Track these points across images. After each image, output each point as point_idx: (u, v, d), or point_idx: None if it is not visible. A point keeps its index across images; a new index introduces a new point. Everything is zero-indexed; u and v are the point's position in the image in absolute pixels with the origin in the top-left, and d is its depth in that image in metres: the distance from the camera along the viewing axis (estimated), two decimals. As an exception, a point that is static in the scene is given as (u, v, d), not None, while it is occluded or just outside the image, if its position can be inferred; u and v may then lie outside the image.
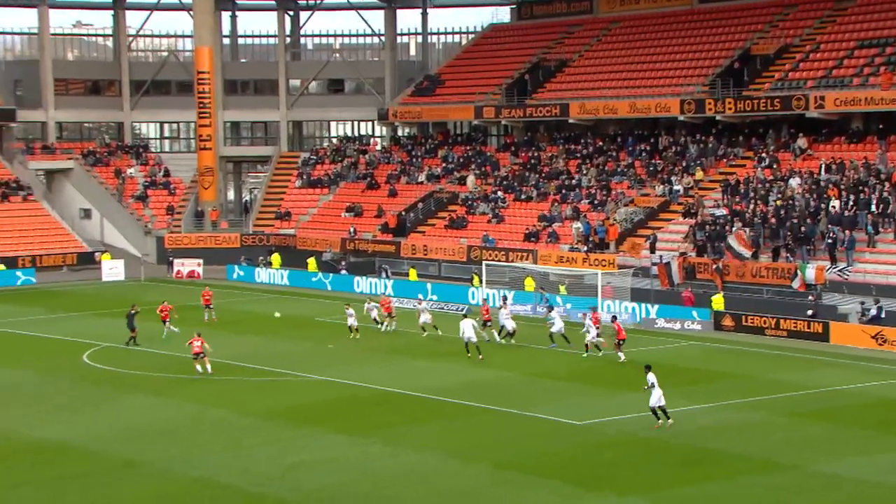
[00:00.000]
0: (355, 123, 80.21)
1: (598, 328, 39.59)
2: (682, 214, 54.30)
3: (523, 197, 61.74)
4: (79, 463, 26.29)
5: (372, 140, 77.04)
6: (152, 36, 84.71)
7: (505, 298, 43.39)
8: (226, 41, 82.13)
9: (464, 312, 40.97)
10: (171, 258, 63.53)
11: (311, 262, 60.26)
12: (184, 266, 62.34)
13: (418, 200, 64.53)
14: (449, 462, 26.20)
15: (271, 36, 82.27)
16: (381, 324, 43.16)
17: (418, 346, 40.94)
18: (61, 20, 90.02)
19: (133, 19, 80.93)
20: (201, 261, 62.78)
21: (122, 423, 29.95)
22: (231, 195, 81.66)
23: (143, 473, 25.45)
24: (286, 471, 25.50)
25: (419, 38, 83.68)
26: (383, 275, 57.26)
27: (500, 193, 62.66)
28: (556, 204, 59.19)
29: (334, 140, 78.48)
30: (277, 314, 47.69)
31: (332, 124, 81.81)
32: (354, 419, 30.26)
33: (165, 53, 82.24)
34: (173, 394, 33.32)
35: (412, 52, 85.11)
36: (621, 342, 37.46)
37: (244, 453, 26.93)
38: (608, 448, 27.32)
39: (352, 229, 63.93)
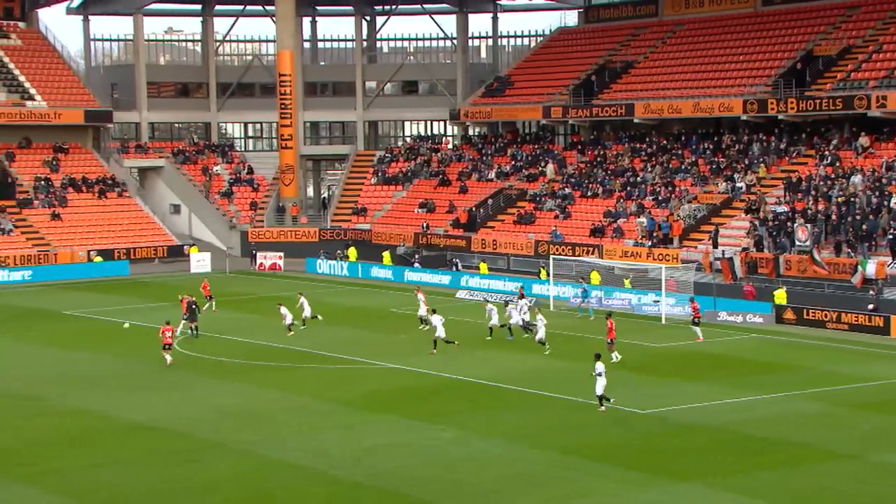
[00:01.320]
0: (428, 123, 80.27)
1: (698, 319, 39.33)
2: (744, 211, 53.40)
3: (589, 193, 61.26)
4: (166, 442, 26.65)
5: (444, 139, 77.04)
6: (238, 41, 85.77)
7: (522, 294, 42.79)
8: (306, 45, 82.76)
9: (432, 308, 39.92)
10: (254, 251, 64.21)
11: (386, 255, 60.49)
12: (266, 259, 62.96)
13: (488, 197, 64.38)
14: (515, 448, 26.06)
15: (349, 40, 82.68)
16: (289, 328, 40.66)
17: (480, 337, 40.73)
18: (154, 27, 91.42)
19: (220, 25, 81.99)
20: (282, 254, 63.36)
21: (207, 406, 30.31)
22: (310, 192, 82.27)
23: (225, 454, 25.71)
24: (361, 455, 25.57)
25: (489, 42, 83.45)
26: (454, 268, 57.31)
27: (567, 190, 62.24)
28: (621, 200, 58.61)
29: (408, 139, 78.63)
30: (126, 325, 42.26)
31: (406, 124, 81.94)
32: (425, 406, 30.25)
33: (250, 57, 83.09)
34: (255, 380, 33.62)
35: (483, 54, 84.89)
36: (612, 342, 35.76)
37: (321, 437, 27.07)
38: (671, 436, 26.94)
39: (424, 224, 64.01)
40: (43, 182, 67.15)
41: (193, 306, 40.98)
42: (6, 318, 46.11)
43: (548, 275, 49.89)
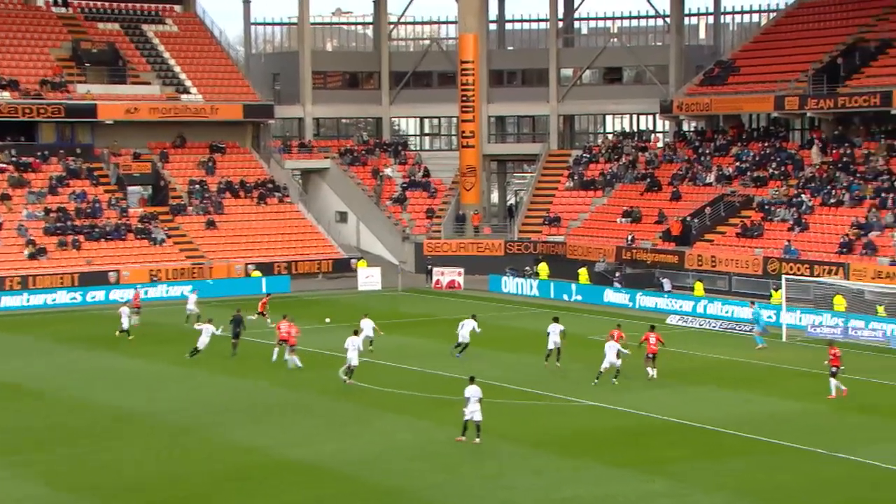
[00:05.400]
0: (634, 117, 79.76)
1: (836, 369, 37.04)
2: None
3: (832, 201, 59.45)
4: (334, 488, 27.08)
5: (653, 136, 76.32)
6: (414, 23, 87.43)
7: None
8: (492, 27, 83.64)
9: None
10: (430, 266, 65.16)
11: (583, 272, 60.29)
12: (443, 276, 63.76)
13: (706, 205, 63.34)
14: (743, 507, 25.44)
15: (542, 20, 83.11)
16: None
17: (695, 370, 40.01)
18: (321, 9, 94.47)
19: (394, 5, 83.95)
20: (462, 270, 64.02)
21: (378, 445, 30.73)
22: (495, 198, 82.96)
23: (404, 502, 25.97)
24: (556, 507, 25.47)
25: (710, 19, 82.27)
26: (663, 288, 56.66)
27: (804, 197, 60.56)
28: (873, 210, 56.61)
29: (610, 136, 78.26)
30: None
31: (608, 118, 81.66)
32: (630, 451, 29.90)
33: (427, 42, 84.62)
34: (430, 415, 33.96)
35: (701, 34, 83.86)
36: (653, 357, 38.02)
37: (509, 484, 27.07)
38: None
39: (629, 237, 63.49)
40: (198, 186, 69.93)
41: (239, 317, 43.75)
42: (163, 339, 48.11)
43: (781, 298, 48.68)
